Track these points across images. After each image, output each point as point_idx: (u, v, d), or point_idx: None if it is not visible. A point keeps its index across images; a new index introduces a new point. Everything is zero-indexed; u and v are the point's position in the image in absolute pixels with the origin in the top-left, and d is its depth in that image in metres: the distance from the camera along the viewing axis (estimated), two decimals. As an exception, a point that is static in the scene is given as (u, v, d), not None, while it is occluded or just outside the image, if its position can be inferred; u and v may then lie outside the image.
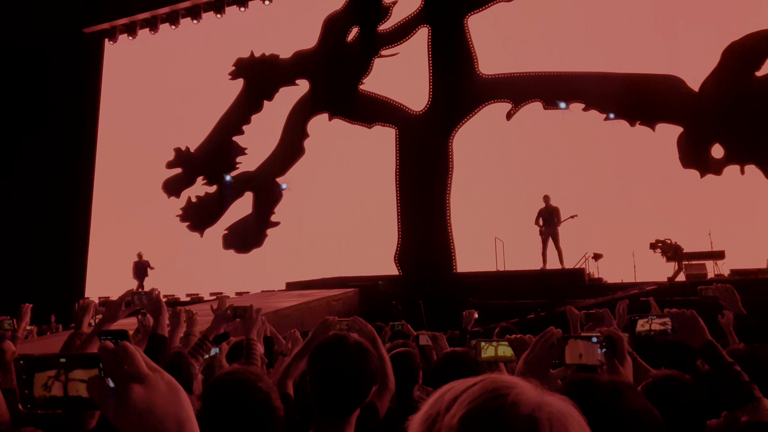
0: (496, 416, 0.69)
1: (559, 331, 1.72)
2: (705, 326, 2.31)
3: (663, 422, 1.27)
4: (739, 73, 13.47)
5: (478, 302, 11.00)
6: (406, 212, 15.07)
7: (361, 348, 1.97)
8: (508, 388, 0.72)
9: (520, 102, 14.51)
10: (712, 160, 13.60)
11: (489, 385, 0.73)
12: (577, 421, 0.74)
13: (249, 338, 3.36)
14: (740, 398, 2.08)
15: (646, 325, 2.50)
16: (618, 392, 1.26)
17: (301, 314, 10.99)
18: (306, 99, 16.79)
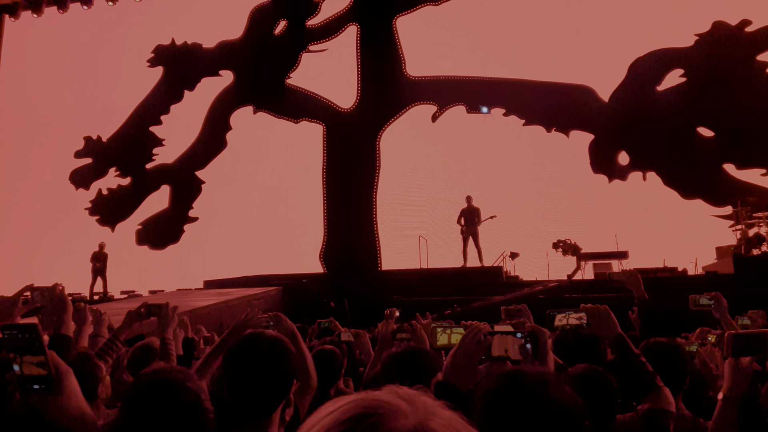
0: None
1: (487, 326, 1.78)
2: (616, 320, 2.50)
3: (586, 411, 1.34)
4: (643, 86, 14.49)
5: (402, 299, 11.19)
6: (332, 210, 15.05)
7: (277, 345, 1.91)
8: (379, 408, 0.63)
9: (445, 105, 14.88)
10: (618, 167, 14.55)
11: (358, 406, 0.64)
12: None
13: (165, 338, 3.18)
14: (645, 387, 2.28)
15: (563, 319, 2.65)
16: (545, 382, 1.31)
17: (220, 314, 10.69)
18: (230, 91, 16.37)
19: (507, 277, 12.95)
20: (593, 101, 14.75)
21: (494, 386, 1.35)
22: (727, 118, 13.73)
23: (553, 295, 10.99)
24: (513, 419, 1.26)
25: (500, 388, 1.34)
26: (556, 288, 11.46)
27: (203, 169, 16.38)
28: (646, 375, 2.30)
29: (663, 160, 14.14)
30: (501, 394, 1.32)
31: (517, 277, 13.09)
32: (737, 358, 2.31)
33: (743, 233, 12.35)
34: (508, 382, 1.34)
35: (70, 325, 2.97)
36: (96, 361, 2.90)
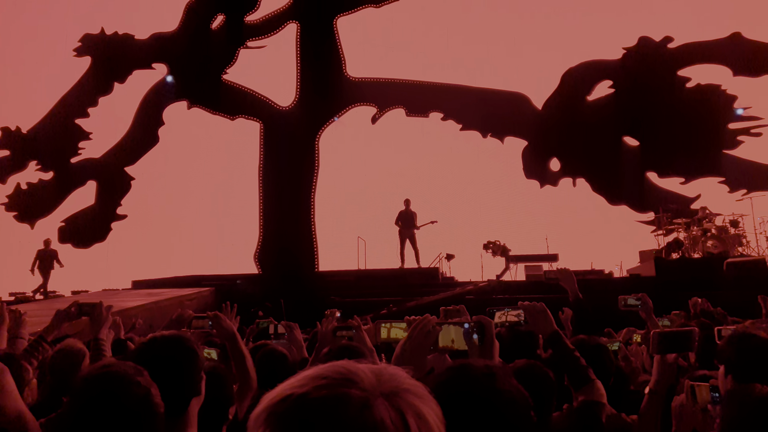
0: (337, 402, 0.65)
1: (435, 318, 1.80)
2: (552, 318, 2.59)
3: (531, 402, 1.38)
4: (575, 96, 15.09)
5: (340, 300, 11.16)
6: (268, 209, 14.79)
7: (177, 344, 1.92)
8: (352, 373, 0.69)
9: (385, 107, 14.96)
10: (550, 173, 15.07)
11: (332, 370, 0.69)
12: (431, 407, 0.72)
13: (98, 338, 3.05)
14: (579, 380, 2.36)
15: (502, 316, 2.72)
16: (492, 375, 1.34)
17: (150, 314, 10.33)
18: (163, 84, 15.82)
19: (443, 278, 13.15)
20: (527, 109, 15.23)
21: (442, 379, 1.37)
22: (651, 129, 14.48)
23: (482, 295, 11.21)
24: (461, 412, 1.29)
25: (448, 381, 1.36)
26: (486, 288, 11.74)
27: (133, 164, 15.75)
28: (580, 369, 2.38)
29: (591, 167, 14.76)
30: (449, 386, 1.33)
31: (452, 277, 13.32)
32: (663, 354, 2.43)
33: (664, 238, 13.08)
34: (456, 375, 1.36)
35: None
36: (22, 363, 2.75)
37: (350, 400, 0.66)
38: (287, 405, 0.66)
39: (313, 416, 0.65)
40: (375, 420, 0.65)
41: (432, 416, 0.70)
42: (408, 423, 0.66)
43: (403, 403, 0.68)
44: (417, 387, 0.72)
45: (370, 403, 0.66)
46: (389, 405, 0.66)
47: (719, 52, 14.63)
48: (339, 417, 0.64)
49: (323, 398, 0.66)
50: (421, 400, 0.71)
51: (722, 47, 14.64)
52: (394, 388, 0.69)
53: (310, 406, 0.65)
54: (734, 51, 14.57)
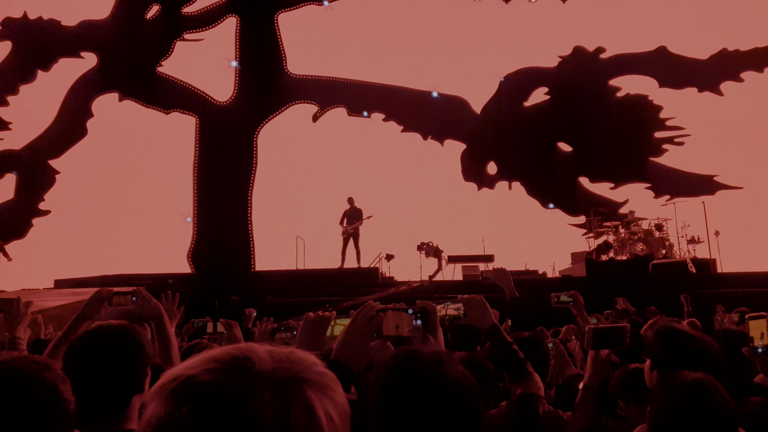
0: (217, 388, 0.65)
1: (378, 304, 1.79)
2: (491, 311, 2.62)
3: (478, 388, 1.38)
4: (512, 101, 15.51)
5: (276, 300, 10.99)
6: (203, 207, 14.35)
7: (122, 337, 1.81)
8: (247, 359, 0.68)
9: (327, 106, 14.86)
10: (487, 176, 15.41)
11: (228, 354, 0.69)
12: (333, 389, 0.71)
13: (14, 336, 2.84)
14: (517, 373, 2.40)
15: (443, 310, 2.70)
16: (439, 361, 1.34)
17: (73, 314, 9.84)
18: (92, 75, 15.07)
19: (382, 278, 13.17)
20: (467, 113, 15.52)
21: (389, 367, 1.36)
22: (583, 135, 15.06)
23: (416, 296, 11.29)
24: (408, 399, 1.28)
25: (395, 368, 1.35)
26: (419, 288, 11.86)
27: (58, 157, 14.94)
28: (518, 362, 2.40)
29: (527, 171, 15.20)
30: (396, 374, 1.33)
31: (392, 278, 13.36)
32: (597, 350, 2.48)
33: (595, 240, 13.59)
34: (402, 363, 1.35)
35: None
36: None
37: (230, 390, 0.64)
38: (174, 385, 0.66)
39: (192, 400, 0.64)
40: (252, 410, 0.63)
41: (327, 408, 0.68)
42: (290, 417, 0.64)
43: (292, 395, 0.66)
44: (320, 376, 0.70)
45: (251, 393, 0.64)
46: (273, 396, 0.65)
47: (646, 65, 15.41)
48: (216, 404, 0.63)
49: (206, 383, 0.65)
50: (319, 390, 0.68)
51: (649, 60, 15.41)
52: (287, 377, 0.67)
53: (192, 389, 0.65)
54: (660, 64, 15.38)
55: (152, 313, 2.63)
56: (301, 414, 0.65)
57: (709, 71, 15.29)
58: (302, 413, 0.65)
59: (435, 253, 13.42)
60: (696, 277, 11.50)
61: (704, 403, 1.67)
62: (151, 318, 2.66)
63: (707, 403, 1.67)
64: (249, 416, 0.63)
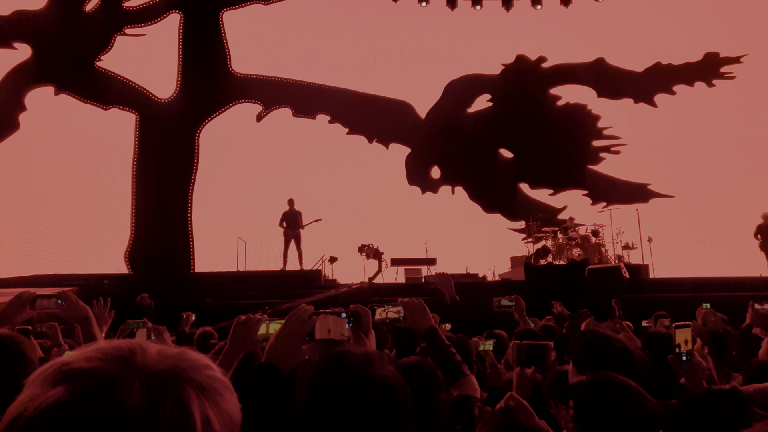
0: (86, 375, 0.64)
1: (312, 308, 1.82)
2: (430, 314, 2.68)
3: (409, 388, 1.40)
4: (456, 107, 15.76)
5: (215, 302, 10.79)
6: (141, 206, 13.91)
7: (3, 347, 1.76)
8: (131, 351, 0.68)
9: (271, 105, 14.70)
10: (431, 180, 15.60)
11: (115, 345, 0.69)
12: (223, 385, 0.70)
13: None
14: (454, 375, 2.42)
15: (383, 313, 2.73)
16: (369, 361, 1.36)
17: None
18: (26, 67, 14.39)
19: (325, 281, 13.11)
20: (411, 117, 15.67)
21: (318, 367, 1.37)
22: (524, 142, 15.45)
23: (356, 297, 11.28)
24: (337, 398, 1.29)
25: (325, 369, 1.36)
26: (358, 290, 11.88)
27: (-13, 151, 14.21)
28: (455, 364, 2.44)
29: (469, 176, 15.47)
30: (325, 374, 1.34)
31: (335, 280, 13.32)
32: (522, 367, 2.56)
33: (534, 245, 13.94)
34: (332, 363, 1.37)
35: None
36: None
37: (101, 377, 0.64)
38: (49, 372, 0.66)
39: (62, 383, 0.63)
40: (118, 400, 0.62)
41: (206, 410, 0.66)
42: (158, 409, 0.63)
43: (167, 390, 0.64)
44: (208, 378, 0.69)
45: (122, 383, 0.63)
46: (146, 389, 0.63)
47: (586, 75, 15.95)
48: (82, 391, 0.62)
49: (79, 369, 0.65)
50: (201, 391, 0.67)
51: (588, 71, 15.96)
52: (169, 373, 0.66)
53: (65, 374, 0.64)
54: (598, 75, 15.94)
55: (77, 316, 2.54)
56: (172, 410, 0.63)
57: (644, 83, 15.95)
58: (174, 409, 0.63)
59: (375, 255, 13.48)
60: (629, 281, 11.95)
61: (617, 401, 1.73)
62: (77, 321, 2.57)
63: (620, 401, 1.73)
64: (113, 405, 0.62)
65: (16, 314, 2.61)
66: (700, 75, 15.89)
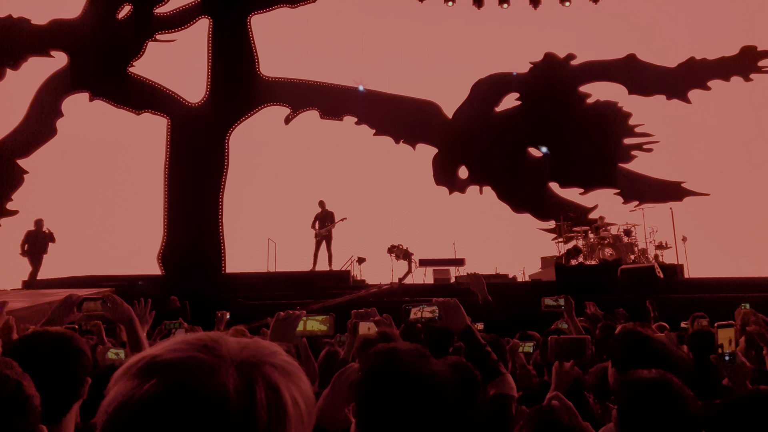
0: (182, 364, 0.66)
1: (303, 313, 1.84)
2: (465, 313, 2.68)
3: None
4: (483, 106, 15.66)
5: (246, 302, 10.92)
6: (173, 209, 14.16)
7: (61, 344, 1.79)
8: (214, 341, 0.70)
9: (299, 108, 14.82)
10: (458, 180, 15.53)
11: (196, 337, 0.71)
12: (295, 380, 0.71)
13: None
14: (490, 374, 2.42)
15: (418, 313, 2.77)
16: (423, 357, 1.38)
17: (42, 315, 9.61)
18: (62, 74, 14.79)
19: (354, 281, 13.17)
20: (438, 117, 15.62)
21: (372, 364, 1.38)
22: (553, 141, 15.28)
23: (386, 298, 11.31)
24: (392, 396, 1.30)
25: (378, 365, 1.37)
26: (388, 291, 11.90)
27: (27, 157, 14.63)
28: (491, 363, 2.44)
29: (497, 176, 15.36)
30: (379, 371, 1.35)
31: (363, 280, 13.38)
32: (561, 361, 2.54)
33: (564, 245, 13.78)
34: (384, 360, 1.37)
35: None
36: None
37: (196, 364, 0.65)
38: (139, 365, 0.67)
39: (158, 375, 0.65)
40: (217, 384, 0.64)
41: (292, 392, 0.69)
42: (255, 393, 0.65)
43: (257, 373, 0.67)
44: (285, 363, 0.71)
45: (217, 370, 0.65)
46: (239, 373, 0.66)
47: (616, 72, 15.71)
48: (181, 379, 0.64)
49: (171, 360, 0.66)
50: (284, 375, 0.70)
51: (619, 67, 15.72)
52: (253, 359, 0.69)
53: (158, 366, 0.66)
54: (630, 71, 15.68)
55: (122, 317, 2.63)
56: (266, 392, 0.66)
57: (677, 79, 15.64)
58: (267, 391, 0.66)
59: (405, 256, 13.49)
60: (663, 282, 11.73)
61: (663, 400, 1.72)
62: (122, 323, 2.67)
63: (666, 400, 1.72)
64: (215, 390, 0.63)
65: (63, 317, 2.74)
66: (737, 69, 15.51)
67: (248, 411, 0.64)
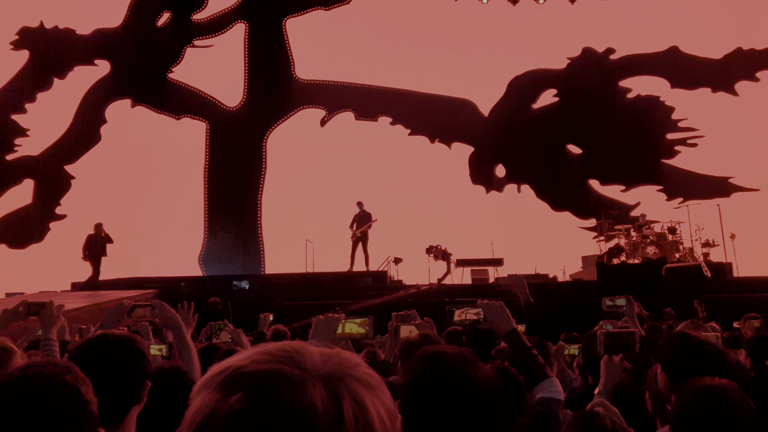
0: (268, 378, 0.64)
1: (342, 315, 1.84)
2: (510, 315, 2.64)
3: None
4: (520, 104, 15.44)
5: (285, 303, 11.03)
6: (213, 211, 14.48)
7: (125, 347, 1.81)
8: (297, 352, 0.68)
9: (334, 110, 14.93)
10: (495, 178, 15.35)
11: (278, 348, 0.69)
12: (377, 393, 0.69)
13: (48, 339, 2.97)
14: (536, 377, 2.36)
15: (462, 315, 2.75)
16: (468, 363, 1.36)
17: (91, 316, 9.95)
18: (106, 81, 15.28)
19: (391, 282, 13.18)
20: (474, 115, 15.47)
21: (418, 367, 1.37)
22: (593, 137, 14.96)
23: (423, 298, 11.26)
24: (438, 401, 1.30)
25: (424, 368, 1.36)
26: (427, 291, 11.85)
27: (73, 163, 15.14)
28: (538, 366, 2.40)
29: (536, 174, 15.12)
30: (426, 374, 1.34)
31: (400, 281, 13.36)
32: (610, 355, 2.48)
33: (606, 244, 13.49)
34: (431, 363, 1.37)
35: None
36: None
37: (283, 378, 0.64)
38: (223, 376, 0.65)
39: (244, 388, 0.63)
40: (305, 400, 0.62)
41: (377, 407, 0.67)
42: (343, 408, 0.63)
43: (342, 388, 0.65)
44: (368, 376, 0.69)
45: (304, 384, 0.63)
46: (326, 388, 0.64)
47: (658, 65, 15.27)
48: (268, 394, 0.62)
49: (257, 373, 0.64)
50: (368, 389, 0.67)
51: (661, 60, 15.28)
52: (338, 372, 0.67)
53: (243, 378, 0.64)
54: (672, 64, 15.22)
55: (171, 323, 2.74)
56: (353, 408, 0.64)
57: (723, 71, 15.12)
58: (354, 407, 0.64)
59: (444, 257, 13.41)
60: (711, 281, 11.38)
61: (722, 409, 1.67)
62: (170, 328, 2.78)
63: (725, 409, 1.67)
64: (303, 405, 0.62)
65: (115, 322, 2.89)
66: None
67: (336, 427, 0.62)
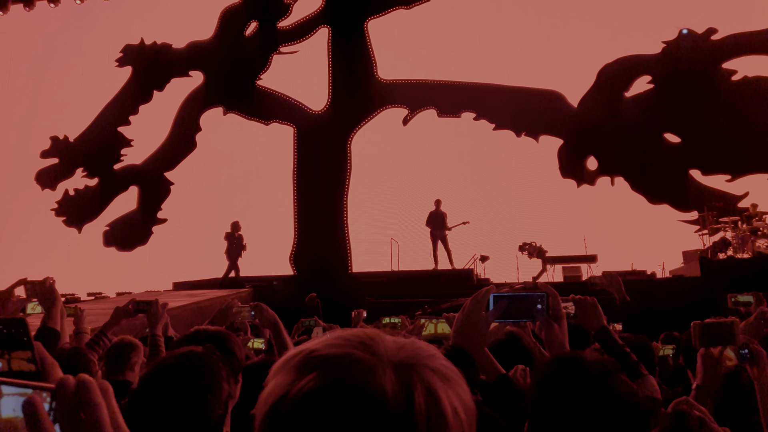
0: (339, 362, 0.65)
1: (492, 287, 1.81)
2: (602, 312, 2.51)
3: None
4: (612, 93, 14.73)
5: (373, 301, 11.16)
6: (302, 212, 14.93)
7: (217, 343, 1.87)
8: (371, 339, 0.68)
9: (416, 108, 14.93)
10: (587, 171, 14.74)
11: (353, 334, 0.69)
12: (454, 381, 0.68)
13: (155, 335, 3.18)
14: (630, 376, 2.25)
15: None
16: (609, 374, 1.30)
17: (191, 315, 10.53)
18: (199, 91, 16.15)
19: (477, 280, 13.00)
20: (562, 106, 14.94)
21: (553, 370, 1.35)
22: (693, 124, 14.01)
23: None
24: (576, 409, 1.25)
25: (560, 374, 1.33)
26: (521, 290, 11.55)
27: (172, 170, 16.13)
28: (631, 364, 2.29)
29: (630, 166, 14.38)
30: (561, 380, 1.31)
31: (487, 279, 13.16)
32: (707, 348, 2.33)
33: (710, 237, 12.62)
34: (568, 369, 1.32)
35: (58, 319, 3.02)
36: (89, 356, 2.87)
37: (354, 362, 0.64)
38: (298, 358, 0.67)
39: (316, 369, 0.64)
40: (375, 386, 0.62)
41: (452, 399, 0.65)
42: (414, 397, 0.62)
43: (415, 377, 0.64)
44: (444, 368, 0.68)
45: (374, 369, 0.63)
46: (397, 375, 0.64)
47: (766, 43, 14.07)
48: (339, 377, 0.63)
49: (329, 356, 0.65)
50: (443, 380, 0.66)
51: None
52: (411, 360, 0.66)
53: (316, 360, 0.65)
54: (782, 41, 13.99)
55: (269, 322, 2.94)
56: (425, 397, 0.63)
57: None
58: (426, 397, 0.63)
59: (539, 254, 13.06)
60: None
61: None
62: (268, 327, 2.99)
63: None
64: (372, 390, 0.62)
65: (222, 322, 3.28)
66: None
67: (406, 415, 0.61)
